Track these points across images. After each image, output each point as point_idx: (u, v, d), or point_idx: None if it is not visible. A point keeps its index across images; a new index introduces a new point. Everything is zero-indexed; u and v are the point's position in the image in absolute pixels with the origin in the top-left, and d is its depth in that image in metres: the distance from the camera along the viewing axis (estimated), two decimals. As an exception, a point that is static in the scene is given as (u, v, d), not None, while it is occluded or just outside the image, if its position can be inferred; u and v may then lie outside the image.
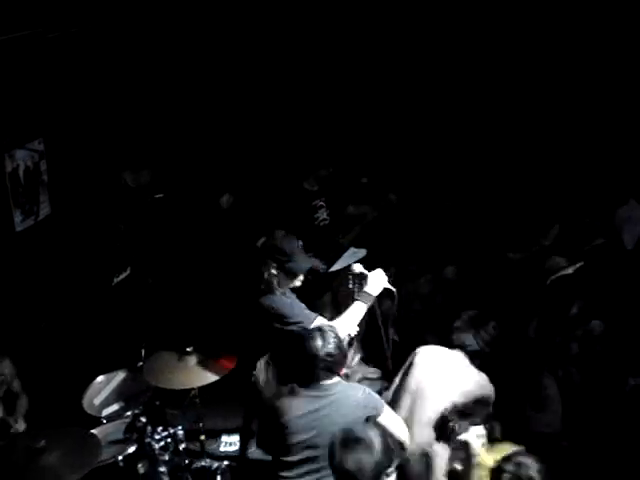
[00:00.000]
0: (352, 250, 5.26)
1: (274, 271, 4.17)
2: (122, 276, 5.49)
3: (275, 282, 4.18)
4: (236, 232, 6.04)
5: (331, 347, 3.52)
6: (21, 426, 4.49)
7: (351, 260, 4.85)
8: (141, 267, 5.56)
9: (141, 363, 4.65)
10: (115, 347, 5.08)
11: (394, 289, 4.21)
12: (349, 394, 3.56)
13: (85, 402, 4.52)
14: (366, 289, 4.15)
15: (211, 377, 4.28)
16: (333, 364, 3.53)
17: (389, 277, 4.22)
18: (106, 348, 5.12)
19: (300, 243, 4.32)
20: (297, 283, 4.31)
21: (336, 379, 3.57)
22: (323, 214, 5.88)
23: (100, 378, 4.71)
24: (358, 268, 4.27)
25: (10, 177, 5.12)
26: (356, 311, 4.11)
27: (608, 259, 5.15)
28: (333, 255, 5.35)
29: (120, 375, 4.75)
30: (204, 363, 4.35)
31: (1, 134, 5.00)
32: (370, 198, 6.13)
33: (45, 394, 4.79)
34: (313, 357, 3.49)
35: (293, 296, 4.29)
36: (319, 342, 3.51)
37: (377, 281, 4.17)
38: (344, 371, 4.16)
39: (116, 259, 5.49)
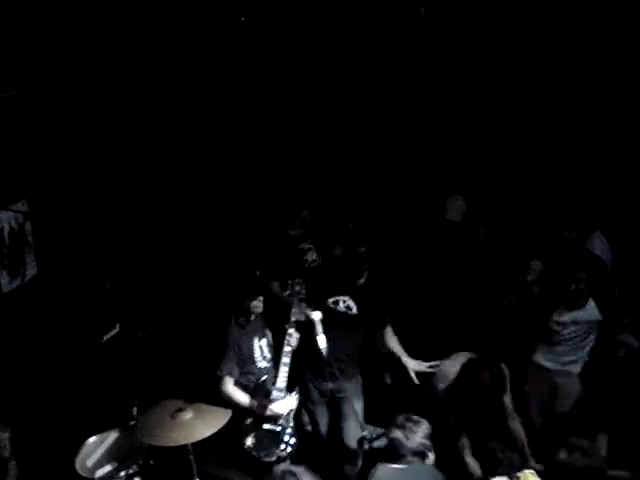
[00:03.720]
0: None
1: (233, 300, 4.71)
2: (111, 333, 5.46)
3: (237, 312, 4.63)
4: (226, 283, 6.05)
5: None
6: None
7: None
8: (130, 322, 5.54)
9: (134, 421, 4.58)
10: (107, 406, 5.01)
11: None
12: None
13: (78, 464, 4.44)
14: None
15: (205, 432, 4.21)
16: None
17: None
18: (98, 407, 5.05)
19: (258, 273, 4.76)
20: (257, 310, 4.71)
21: None
22: (312, 256, 5.93)
23: (92, 439, 4.63)
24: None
25: (-5, 239, 5.12)
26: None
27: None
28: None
29: (113, 435, 4.67)
30: (198, 418, 4.28)
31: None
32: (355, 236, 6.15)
33: (37, 457, 4.70)
34: None
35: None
36: None
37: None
38: None
39: (104, 316, 5.46)
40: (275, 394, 4.64)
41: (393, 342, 5.07)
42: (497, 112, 6.78)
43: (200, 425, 4.24)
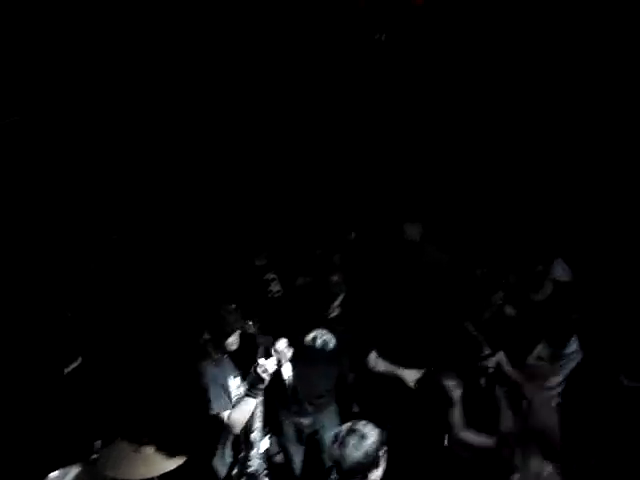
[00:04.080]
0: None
1: (207, 335, 4.38)
2: (73, 365, 5.35)
3: (209, 348, 4.41)
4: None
5: None
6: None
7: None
8: (93, 355, 5.44)
9: (96, 455, 4.48)
10: (69, 440, 4.90)
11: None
12: None
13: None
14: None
15: (170, 465, 4.13)
16: None
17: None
18: (60, 441, 4.94)
19: (233, 306, 4.52)
20: (232, 347, 4.51)
21: None
22: (276, 286, 5.91)
23: (54, 474, 4.51)
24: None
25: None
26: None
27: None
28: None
29: (75, 469, 4.56)
30: (163, 451, 4.21)
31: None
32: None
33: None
34: None
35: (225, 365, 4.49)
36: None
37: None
38: None
39: (66, 347, 5.36)
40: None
41: (381, 365, 5.02)
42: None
43: (164, 459, 4.16)
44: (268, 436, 4.75)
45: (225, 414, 4.43)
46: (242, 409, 4.43)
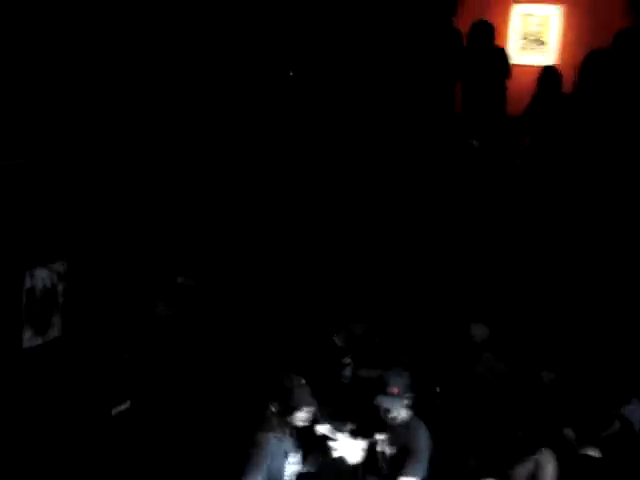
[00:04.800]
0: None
1: (273, 408, 4.25)
2: (121, 407, 5.41)
3: (274, 421, 4.26)
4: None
5: None
6: None
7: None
8: (141, 401, 5.49)
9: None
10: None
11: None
12: None
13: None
14: None
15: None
16: None
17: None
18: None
19: (303, 381, 4.39)
20: (299, 423, 4.36)
21: None
22: (348, 372, 5.69)
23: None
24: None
25: (27, 293, 5.18)
26: None
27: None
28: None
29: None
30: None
31: (25, 252, 5.11)
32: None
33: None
34: None
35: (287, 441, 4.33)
36: None
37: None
38: None
39: (117, 388, 5.43)
40: None
41: None
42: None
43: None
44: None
45: None
46: None
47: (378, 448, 4.63)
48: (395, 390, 4.47)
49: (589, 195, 6.77)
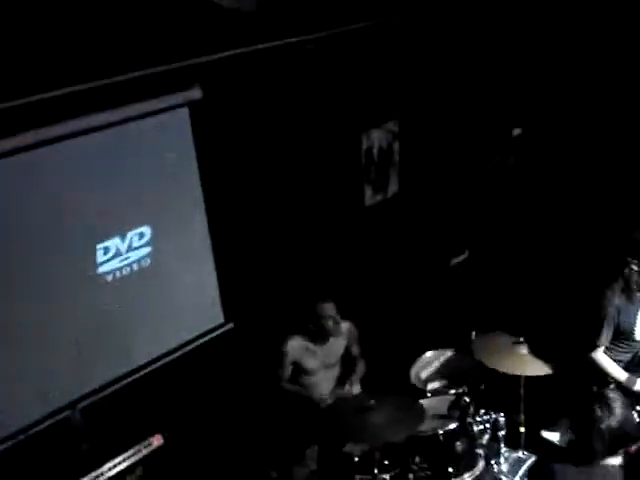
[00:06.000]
0: None
1: (635, 267, 3.96)
2: (460, 258, 5.54)
3: (633, 281, 4.00)
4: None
5: None
6: (355, 389, 4.62)
7: None
8: (479, 251, 5.55)
9: (471, 344, 4.61)
10: (446, 326, 5.13)
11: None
12: None
13: (412, 374, 4.64)
14: None
15: (541, 370, 4.17)
16: None
17: None
18: (437, 326, 5.19)
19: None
20: None
21: None
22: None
23: (429, 353, 4.80)
24: None
25: (365, 154, 5.48)
26: None
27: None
28: None
29: (448, 353, 4.80)
30: (536, 355, 4.25)
31: (360, 115, 5.35)
32: None
33: (376, 362, 4.98)
34: None
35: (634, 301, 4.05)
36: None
37: None
38: None
39: (455, 241, 5.54)
40: None
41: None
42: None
43: (535, 363, 4.20)
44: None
45: None
46: None
47: None
48: None
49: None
